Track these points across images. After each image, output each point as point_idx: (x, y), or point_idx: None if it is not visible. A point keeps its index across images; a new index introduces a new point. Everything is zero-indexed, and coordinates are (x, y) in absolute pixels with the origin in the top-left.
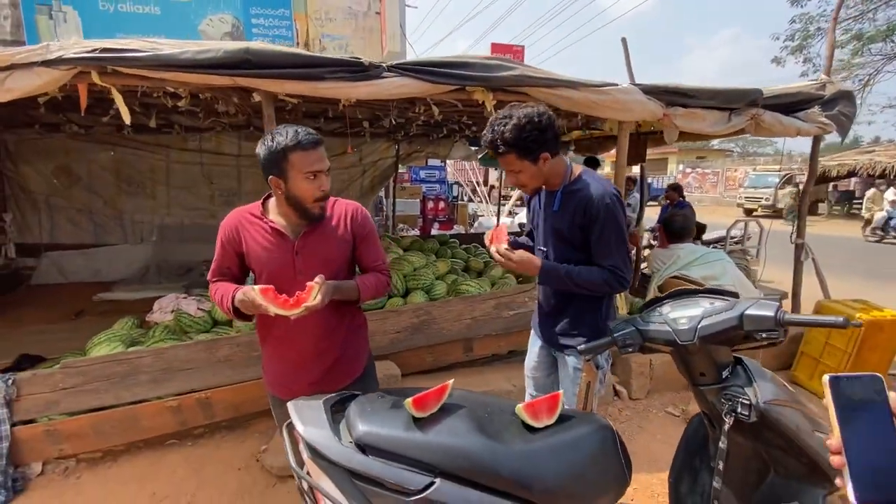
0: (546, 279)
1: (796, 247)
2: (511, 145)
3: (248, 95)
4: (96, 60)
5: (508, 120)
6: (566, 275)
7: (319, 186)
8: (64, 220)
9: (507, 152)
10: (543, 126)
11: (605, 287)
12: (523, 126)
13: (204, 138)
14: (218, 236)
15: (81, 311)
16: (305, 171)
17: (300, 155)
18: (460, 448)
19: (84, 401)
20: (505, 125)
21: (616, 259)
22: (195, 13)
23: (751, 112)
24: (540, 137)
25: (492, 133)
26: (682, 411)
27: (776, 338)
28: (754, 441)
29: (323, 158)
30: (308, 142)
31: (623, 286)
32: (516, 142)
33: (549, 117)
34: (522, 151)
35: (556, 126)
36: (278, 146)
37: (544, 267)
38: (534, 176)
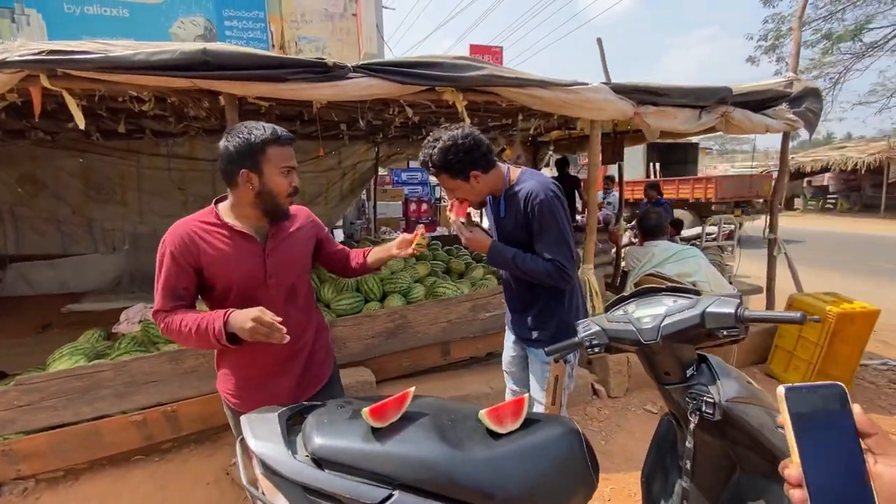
0: (494, 259)
1: (769, 242)
2: (440, 166)
3: (217, 99)
4: (43, 63)
5: (436, 143)
6: (512, 259)
7: (291, 182)
8: (30, 230)
9: (439, 173)
10: (468, 147)
11: (548, 279)
12: (448, 149)
13: (176, 143)
14: (162, 254)
15: (49, 324)
16: (282, 165)
17: (278, 150)
18: (419, 458)
19: (41, 418)
20: (433, 148)
21: (556, 253)
22: (166, 15)
23: (721, 109)
24: (466, 158)
25: (423, 155)
26: (659, 408)
27: (737, 335)
28: (720, 439)
29: (293, 156)
30: (285, 137)
31: (566, 281)
32: (444, 164)
33: (472, 138)
34: (452, 172)
35: (482, 144)
36: (256, 139)
37: (493, 247)
38: (469, 192)
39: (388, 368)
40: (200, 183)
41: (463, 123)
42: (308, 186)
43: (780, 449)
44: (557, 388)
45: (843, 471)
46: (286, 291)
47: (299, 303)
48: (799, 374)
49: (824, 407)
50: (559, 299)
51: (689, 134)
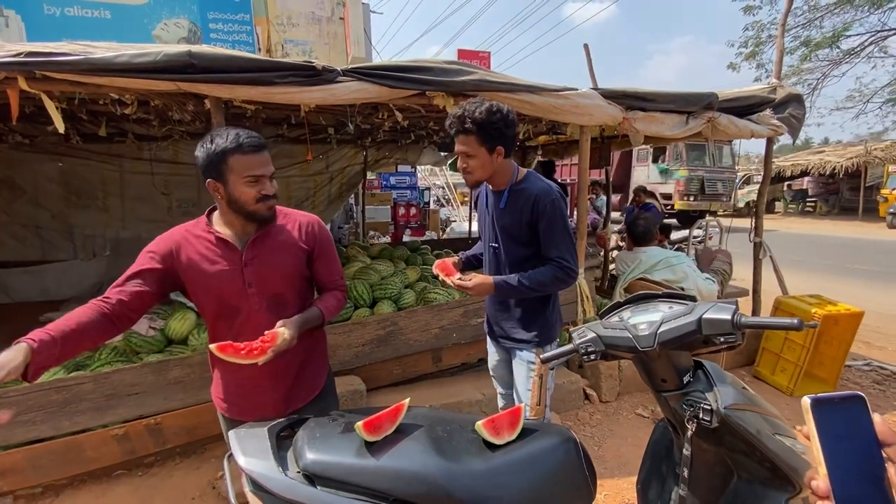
0: (502, 293)
1: (755, 245)
2: (477, 125)
3: (202, 102)
4: (21, 65)
5: (481, 104)
6: (518, 283)
7: (260, 190)
8: (7, 236)
9: (470, 132)
10: (509, 122)
11: (557, 283)
12: (494, 112)
13: (160, 147)
14: (142, 251)
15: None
16: (245, 175)
17: (239, 158)
18: (414, 472)
19: (19, 433)
20: (477, 107)
21: (562, 250)
22: (149, 17)
23: (707, 115)
24: (503, 130)
25: (462, 110)
26: (651, 412)
27: (734, 341)
28: (717, 446)
29: (266, 163)
30: (249, 145)
31: (571, 276)
32: (483, 123)
33: (514, 117)
34: (484, 136)
35: (516, 129)
36: (217, 148)
37: (497, 284)
38: (483, 165)
39: (379, 376)
40: (185, 187)
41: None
42: (295, 191)
43: (778, 456)
44: (542, 388)
45: (866, 481)
46: (269, 301)
47: (287, 314)
48: (786, 375)
49: (847, 417)
50: (545, 300)
51: (676, 139)
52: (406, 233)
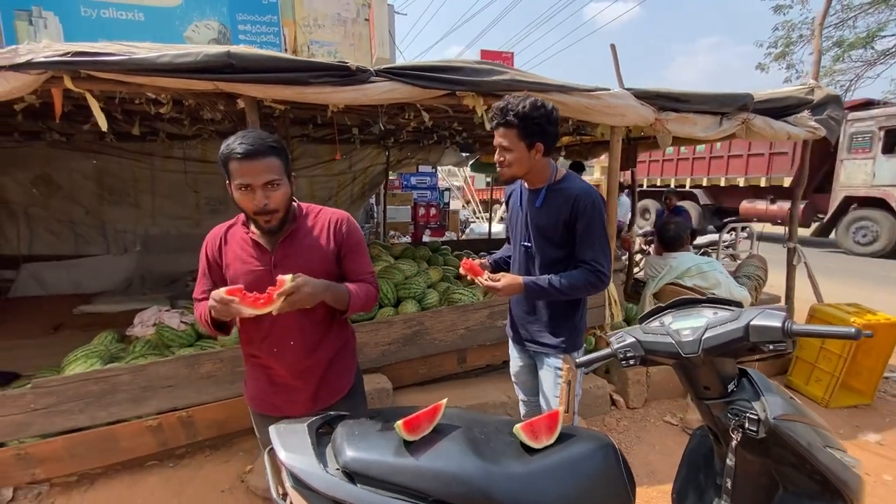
0: (531, 295)
1: (788, 251)
2: (520, 118)
3: (233, 102)
4: (68, 65)
5: (526, 98)
6: (549, 285)
7: (252, 200)
8: (43, 231)
9: (512, 125)
10: (553, 119)
11: (589, 287)
12: (538, 107)
13: (189, 146)
14: (201, 250)
15: (61, 325)
16: (236, 182)
17: (233, 164)
18: (454, 473)
19: (57, 422)
20: (521, 101)
21: (598, 253)
22: (180, 19)
23: (741, 116)
24: (546, 126)
25: (506, 103)
26: (680, 419)
27: (784, 349)
28: (763, 457)
29: (257, 172)
30: (243, 152)
31: (603, 282)
32: (526, 117)
33: (557, 115)
34: (525, 131)
35: (558, 128)
36: (221, 151)
37: (527, 285)
38: (521, 160)
39: (405, 375)
40: (213, 186)
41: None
42: (319, 190)
43: (830, 469)
44: (570, 394)
45: None
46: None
47: (316, 316)
48: (821, 386)
49: None
50: (574, 304)
51: (709, 140)
52: (426, 233)
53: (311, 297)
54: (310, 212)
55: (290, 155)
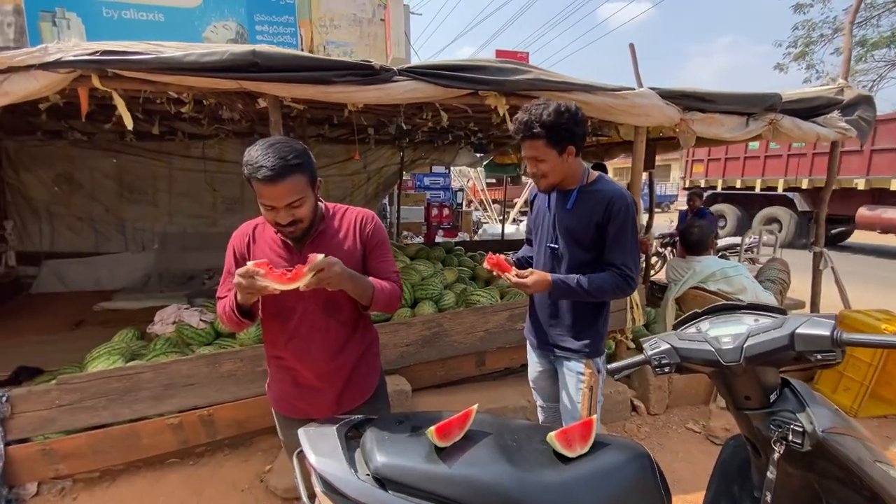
0: (558, 293)
1: (815, 255)
2: (546, 128)
3: (252, 101)
4: (96, 63)
5: (548, 106)
6: (577, 285)
7: (276, 217)
8: (65, 228)
9: (539, 136)
10: (578, 120)
11: (616, 291)
12: (562, 113)
13: (207, 145)
14: (228, 247)
15: (81, 321)
16: (260, 200)
17: (258, 185)
18: (487, 482)
19: (81, 418)
20: (544, 109)
21: (627, 258)
22: (199, 20)
23: (769, 117)
24: (573, 129)
25: (528, 115)
26: (702, 427)
27: (833, 359)
28: (806, 471)
29: (280, 195)
30: (263, 178)
31: (631, 287)
32: (552, 126)
33: (582, 114)
34: (553, 139)
35: (586, 127)
36: (245, 165)
37: (555, 282)
38: (555, 167)
39: (423, 377)
40: (229, 185)
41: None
42: (334, 189)
43: (881, 486)
44: (592, 400)
45: None
46: (324, 303)
47: (342, 317)
48: (850, 395)
49: None
50: (598, 308)
51: (734, 141)
52: (438, 234)
53: (339, 279)
54: (336, 212)
55: (313, 161)
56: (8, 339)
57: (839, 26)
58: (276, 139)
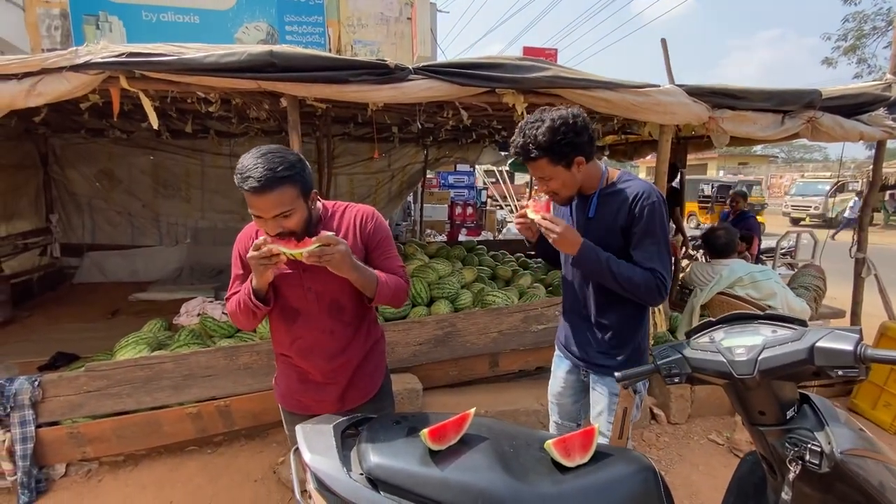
0: (584, 260)
1: (857, 262)
2: (544, 150)
3: (278, 100)
4: (123, 65)
5: (541, 123)
6: (606, 262)
7: (265, 226)
8: (105, 222)
9: (540, 157)
10: (578, 128)
11: (644, 290)
12: (557, 128)
13: (237, 143)
14: (233, 251)
15: (117, 311)
16: (250, 209)
17: (246, 195)
18: (480, 488)
19: (107, 404)
20: (538, 128)
21: (657, 263)
22: (232, 22)
23: (807, 115)
24: (575, 140)
25: (523, 137)
26: (726, 439)
27: (856, 376)
28: (824, 493)
29: (271, 206)
30: (249, 189)
31: (662, 296)
32: (550, 146)
33: (583, 119)
34: (556, 156)
35: (591, 129)
36: (236, 174)
37: (585, 245)
38: (567, 183)
39: (435, 377)
40: None
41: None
42: (358, 188)
43: None
44: (626, 420)
45: None
46: (328, 305)
47: (345, 317)
48: (890, 412)
49: None
50: (640, 317)
51: (768, 141)
52: (462, 232)
53: (342, 259)
54: (335, 211)
55: (306, 171)
56: (50, 326)
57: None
58: (269, 149)
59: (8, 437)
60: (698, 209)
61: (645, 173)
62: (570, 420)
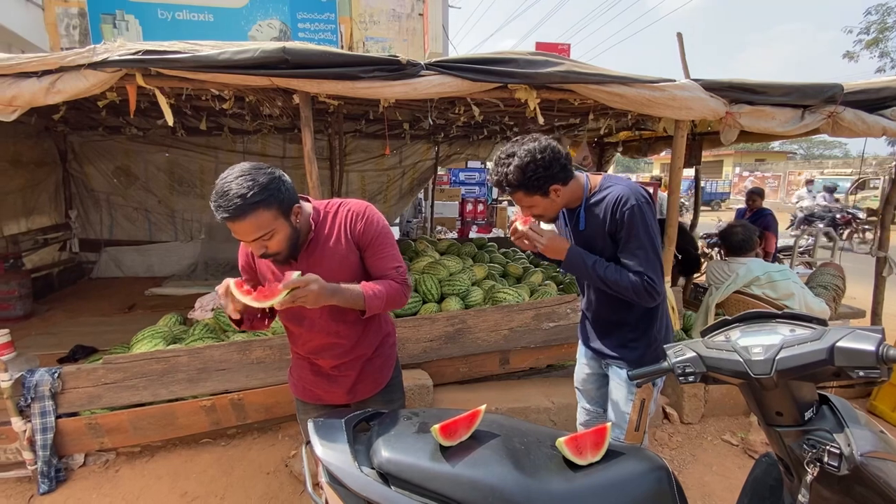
0: (571, 265)
1: (878, 260)
2: (517, 185)
3: (290, 97)
4: (139, 62)
5: (511, 160)
6: (592, 266)
7: (248, 248)
8: (122, 218)
9: (515, 191)
10: (547, 162)
11: (633, 294)
12: (526, 166)
13: (250, 140)
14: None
15: (134, 305)
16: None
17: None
18: (491, 485)
19: (124, 396)
20: (507, 166)
21: (645, 266)
22: (245, 19)
23: (828, 110)
24: (545, 174)
25: (496, 175)
26: (740, 440)
27: (877, 377)
28: (842, 496)
29: (247, 231)
30: (221, 218)
31: (653, 298)
32: (521, 182)
33: (552, 150)
34: (530, 189)
35: (561, 156)
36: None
37: (571, 251)
38: (547, 208)
39: (446, 373)
40: None
41: (536, 135)
42: (370, 184)
43: None
44: (643, 412)
45: None
46: (330, 311)
47: (349, 319)
48: None
49: None
50: (654, 313)
51: (787, 136)
52: (472, 229)
53: (317, 297)
54: (328, 212)
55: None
56: (69, 320)
57: None
58: (241, 170)
59: (29, 428)
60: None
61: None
62: (597, 405)
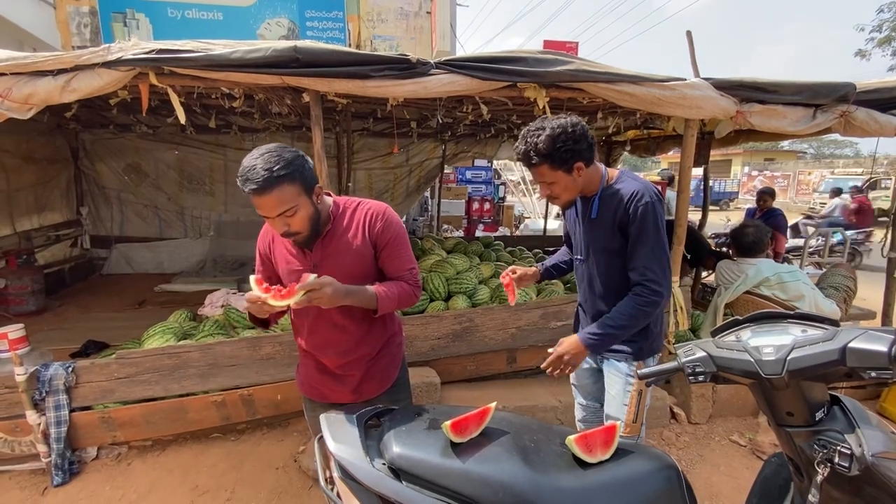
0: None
1: (889, 261)
2: (544, 156)
3: (299, 96)
4: (152, 61)
5: (541, 131)
6: (607, 331)
7: (273, 225)
8: (133, 215)
9: (541, 163)
10: (577, 136)
11: (647, 309)
12: (557, 136)
13: (259, 138)
14: (257, 246)
15: (144, 301)
16: (258, 211)
17: (249, 196)
18: (501, 481)
19: (136, 391)
20: (538, 136)
21: (650, 261)
22: (254, 18)
23: (840, 109)
24: (574, 147)
25: (525, 144)
26: (749, 440)
27: (889, 377)
28: (852, 497)
29: (273, 205)
30: (250, 190)
31: (659, 297)
32: (550, 152)
33: (582, 127)
34: (556, 162)
35: (589, 136)
36: (237, 176)
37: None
38: (567, 187)
39: (453, 371)
40: None
41: (568, 113)
42: (377, 182)
43: None
44: (640, 404)
45: None
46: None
47: (357, 315)
48: None
49: None
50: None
51: (798, 135)
52: (479, 228)
53: (331, 299)
54: (347, 208)
55: (307, 168)
56: (80, 315)
57: None
58: (267, 148)
59: (43, 421)
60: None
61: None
62: (592, 400)
